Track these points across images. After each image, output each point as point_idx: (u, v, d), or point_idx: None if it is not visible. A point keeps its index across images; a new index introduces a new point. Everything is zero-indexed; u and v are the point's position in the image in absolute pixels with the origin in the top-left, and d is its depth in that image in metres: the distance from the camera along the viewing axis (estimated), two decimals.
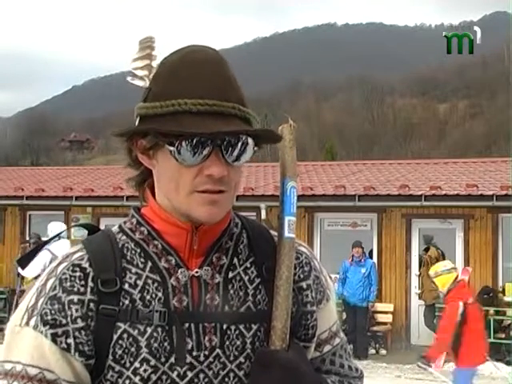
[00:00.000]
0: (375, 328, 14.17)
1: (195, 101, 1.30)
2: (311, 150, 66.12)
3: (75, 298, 1.31)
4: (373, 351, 13.86)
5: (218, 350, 1.33)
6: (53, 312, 1.30)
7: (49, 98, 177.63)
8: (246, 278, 1.38)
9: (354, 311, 13.45)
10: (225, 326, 1.34)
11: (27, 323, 1.32)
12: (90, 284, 1.32)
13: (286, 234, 1.41)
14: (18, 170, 24.00)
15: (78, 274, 1.33)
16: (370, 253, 14.83)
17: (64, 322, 1.30)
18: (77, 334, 1.30)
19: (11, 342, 1.33)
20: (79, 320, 1.30)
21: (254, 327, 1.35)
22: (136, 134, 1.36)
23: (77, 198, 16.78)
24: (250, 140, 1.33)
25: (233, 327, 1.34)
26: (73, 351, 1.30)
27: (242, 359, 1.34)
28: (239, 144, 1.32)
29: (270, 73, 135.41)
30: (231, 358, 1.34)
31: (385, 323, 14.44)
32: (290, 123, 1.46)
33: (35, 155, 74.10)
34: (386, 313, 14.56)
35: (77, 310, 1.30)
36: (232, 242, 1.40)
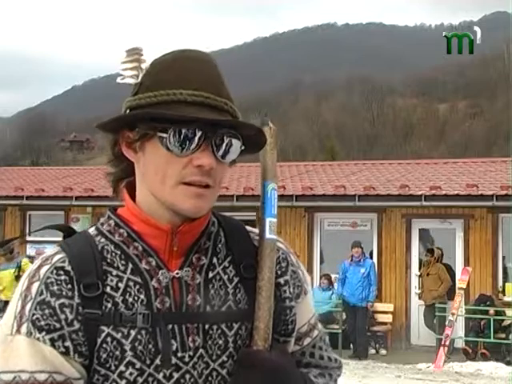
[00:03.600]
0: (375, 328, 14.17)
1: (191, 92, 1.31)
2: (311, 150, 66.11)
3: (66, 301, 1.30)
4: (373, 351, 13.87)
5: (201, 350, 1.33)
6: (45, 317, 1.29)
7: (49, 98, 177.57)
8: (226, 278, 1.38)
9: (354, 311, 13.46)
10: (207, 326, 1.34)
11: (18, 331, 1.29)
12: (76, 287, 1.31)
13: (268, 235, 1.42)
14: (18, 170, 24.00)
15: (63, 277, 1.31)
16: (371, 254, 14.83)
17: (58, 326, 1.29)
18: (74, 336, 1.29)
19: (4, 352, 1.30)
20: (75, 322, 1.29)
21: (236, 326, 1.36)
22: (123, 126, 1.35)
23: (77, 198, 16.79)
24: (236, 141, 1.34)
25: (215, 327, 1.34)
26: (72, 353, 1.29)
27: (224, 358, 1.35)
28: (227, 144, 1.33)
29: (270, 73, 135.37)
30: (214, 357, 1.34)
31: (385, 323, 14.44)
32: (270, 126, 1.46)
33: (35, 155, 74.03)
34: (386, 313, 14.56)
35: (71, 313, 1.29)
36: (210, 242, 1.40)
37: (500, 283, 14.13)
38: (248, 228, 1.47)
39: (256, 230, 1.46)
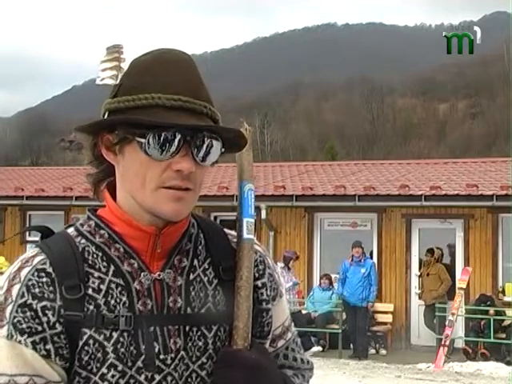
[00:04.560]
0: (375, 328, 14.17)
1: (169, 96, 1.30)
2: (311, 150, 66.12)
3: (48, 304, 1.29)
4: (373, 351, 13.86)
5: (182, 352, 1.34)
6: (26, 320, 1.28)
7: (49, 98, 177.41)
8: (206, 279, 1.39)
9: (354, 311, 13.45)
10: (187, 328, 1.34)
11: None
12: (58, 290, 1.30)
13: (245, 235, 1.43)
14: (18, 170, 24.02)
15: (44, 279, 1.30)
16: (371, 254, 14.82)
17: (40, 328, 1.28)
18: (56, 339, 1.28)
19: None
20: (57, 325, 1.28)
21: (215, 328, 1.37)
22: (103, 129, 1.34)
23: (77, 198, 16.77)
24: (217, 142, 1.34)
25: (195, 329, 1.35)
26: (53, 356, 1.28)
27: (204, 359, 1.35)
28: (208, 145, 1.32)
29: (270, 73, 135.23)
30: (194, 359, 1.35)
31: (385, 323, 14.45)
32: (245, 127, 1.47)
33: (35, 155, 73.98)
34: (386, 313, 14.57)
35: (53, 315, 1.28)
36: (191, 244, 1.41)
37: (500, 283, 14.14)
38: (226, 230, 1.48)
39: (234, 233, 1.47)
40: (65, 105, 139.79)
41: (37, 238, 1.42)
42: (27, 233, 17.12)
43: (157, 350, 1.32)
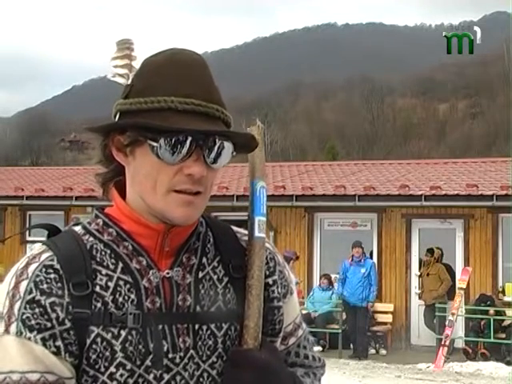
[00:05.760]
0: (375, 328, 14.17)
1: (182, 99, 1.30)
2: (311, 150, 66.10)
3: (56, 300, 1.28)
4: (373, 351, 13.87)
5: (191, 351, 1.33)
6: (35, 316, 1.27)
7: (49, 98, 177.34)
8: (215, 278, 1.38)
9: (354, 311, 13.46)
10: (197, 327, 1.34)
11: (7, 331, 1.27)
12: (66, 286, 1.29)
13: (257, 233, 1.42)
14: (18, 169, 24.03)
15: (52, 275, 1.29)
16: (371, 254, 14.83)
17: (49, 325, 1.27)
18: (65, 335, 1.27)
19: None
20: (66, 321, 1.27)
21: (225, 326, 1.36)
22: (114, 130, 1.34)
23: (77, 198, 16.79)
24: (229, 144, 1.33)
25: (204, 327, 1.34)
26: (63, 353, 1.27)
27: (214, 359, 1.35)
28: (219, 146, 1.32)
29: (270, 73, 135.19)
30: (204, 358, 1.34)
31: (385, 323, 14.45)
32: (258, 124, 1.47)
33: (35, 155, 73.98)
34: (386, 313, 14.57)
35: (61, 311, 1.27)
36: (200, 242, 1.40)
37: (500, 283, 14.14)
38: (235, 228, 1.48)
39: (242, 231, 1.46)
40: (65, 105, 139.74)
41: (37, 238, 1.43)
42: (27, 232, 17.14)
43: (165, 348, 1.31)
